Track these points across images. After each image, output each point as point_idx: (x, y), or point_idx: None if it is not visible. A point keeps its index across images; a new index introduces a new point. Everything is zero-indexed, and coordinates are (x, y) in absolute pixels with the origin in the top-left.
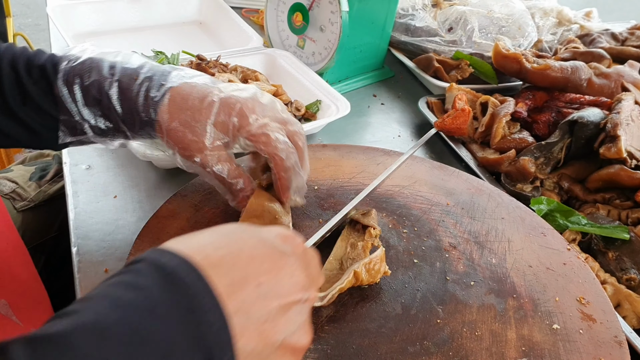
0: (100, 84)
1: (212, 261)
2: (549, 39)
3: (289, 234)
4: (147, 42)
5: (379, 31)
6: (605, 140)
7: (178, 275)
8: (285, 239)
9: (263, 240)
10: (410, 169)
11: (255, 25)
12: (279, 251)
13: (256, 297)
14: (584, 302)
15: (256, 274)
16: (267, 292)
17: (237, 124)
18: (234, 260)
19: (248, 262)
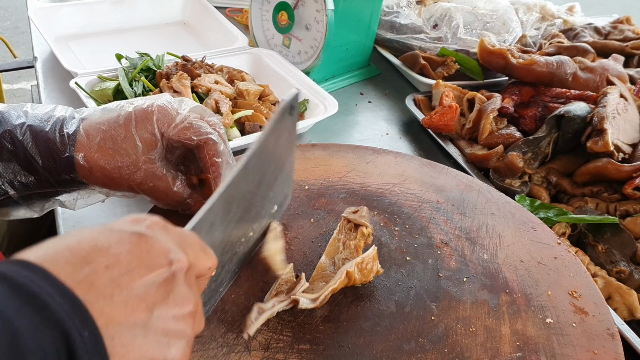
0: (11, 133)
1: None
2: (533, 34)
3: (142, 216)
4: (131, 44)
5: (365, 29)
6: (592, 134)
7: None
8: (137, 220)
9: (108, 228)
10: (399, 166)
11: (240, 24)
12: (130, 233)
13: (108, 278)
14: (576, 296)
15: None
16: (121, 273)
17: (161, 128)
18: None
19: (90, 251)
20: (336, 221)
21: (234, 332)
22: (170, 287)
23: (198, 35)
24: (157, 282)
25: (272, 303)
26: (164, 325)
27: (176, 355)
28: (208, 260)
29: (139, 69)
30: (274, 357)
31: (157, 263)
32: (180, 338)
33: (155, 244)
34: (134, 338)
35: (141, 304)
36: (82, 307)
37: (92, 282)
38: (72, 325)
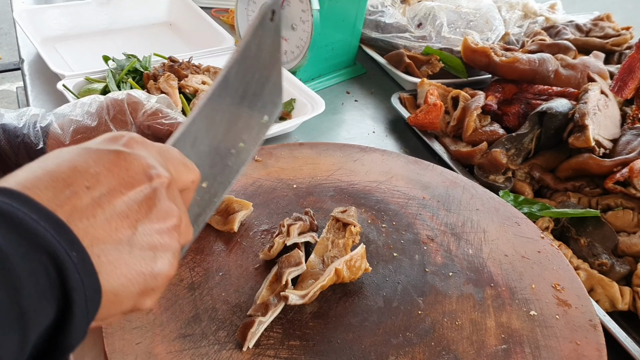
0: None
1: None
2: (515, 32)
3: (119, 133)
4: (117, 45)
5: (350, 28)
6: (573, 130)
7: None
8: (114, 138)
9: (85, 148)
10: (386, 164)
11: (226, 25)
12: (108, 151)
13: (90, 198)
14: (559, 288)
15: (82, 180)
16: (102, 192)
17: (132, 114)
18: (52, 175)
19: (70, 172)
20: (325, 219)
21: (225, 329)
22: (153, 202)
23: (184, 35)
24: (138, 199)
25: (269, 314)
26: (149, 240)
27: (163, 267)
28: (190, 174)
29: (126, 71)
30: (265, 353)
31: (137, 179)
32: (166, 251)
33: (134, 161)
34: (120, 254)
35: (124, 221)
36: (67, 229)
37: (74, 204)
38: (59, 247)
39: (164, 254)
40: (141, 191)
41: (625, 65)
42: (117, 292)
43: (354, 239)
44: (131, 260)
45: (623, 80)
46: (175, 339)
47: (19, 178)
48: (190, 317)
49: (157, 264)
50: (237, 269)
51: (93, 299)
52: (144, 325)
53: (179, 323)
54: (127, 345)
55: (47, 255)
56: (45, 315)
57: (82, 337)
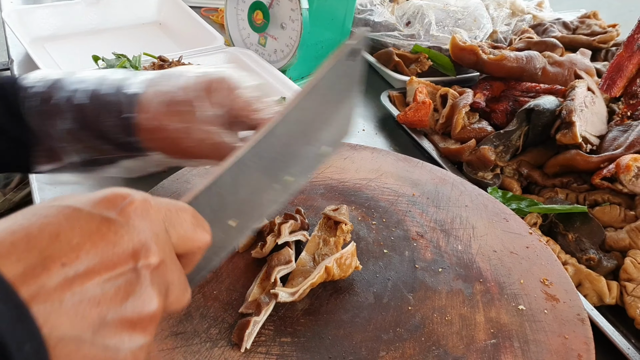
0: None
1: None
2: (503, 30)
3: (119, 194)
4: (107, 45)
5: (339, 27)
6: (561, 126)
7: None
8: (111, 202)
9: (76, 210)
10: (376, 161)
11: (215, 24)
12: (98, 219)
13: (62, 278)
14: (548, 283)
15: (61, 253)
16: (77, 271)
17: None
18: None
19: (50, 242)
20: (315, 217)
21: (217, 327)
22: (132, 288)
23: (174, 35)
24: (116, 283)
25: (262, 313)
26: (115, 332)
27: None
28: (200, 239)
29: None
30: (257, 350)
31: (122, 259)
32: (131, 344)
33: (125, 236)
34: (78, 347)
35: (93, 310)
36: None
37: (43, 283)
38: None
39: (129, 347)
40: (122, 275)
41: (613, 63)
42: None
43: (345, 237)
44: (90, 353)
45: (612, 79)
46: (166, 337)
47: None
48: (182, 315)
49: (119, 357)
50: (228, 267)
51: None
52: None
53: (171, 321)
54: None
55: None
56: None
57: None
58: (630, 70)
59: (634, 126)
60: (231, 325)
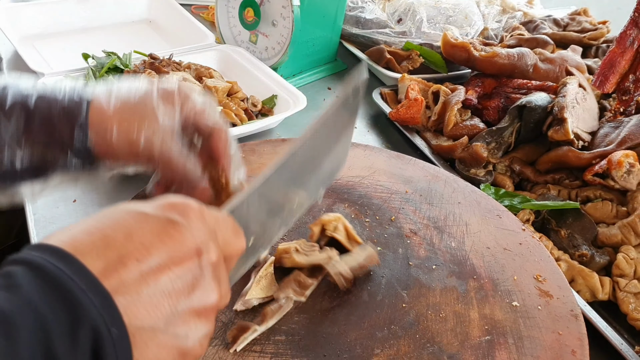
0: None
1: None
2: (494, 27)
3: (179, 201)
4: (97, 43)
5: (331, 24)
6: (552, 123)
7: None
8: (173, 207)
9: (144, 214)
10: (368, 159)
11: (206, 21)
12: (164, 221)
13: (138, 273)
14: (541, 280)
15: (135, 251)
16: (151, 266)
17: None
18: (107, 242)
19: (125, 241)
20: (308, 215)
21: None
22: (198, 281)
23: (164, 33)
24: (184, 277)
25: (265, 324)
26: (185, 320)
27: (193, 348)
28: (238, 244)
29: (106, 68)
30: (251, 349)
31: (188, 256)
32: (199, 332)
33: (187, 234)
34: (154, 334)
35: (166, 300)
36: (112, 304)
37: (122, 277)
38: (102, 323)
39: (196, 335)
40: (189, 269)
41: (606, 59)
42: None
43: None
44: (164, 341)
45: (604, 75)
46: None
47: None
48: None
49: (189, 344)
50: None
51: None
52: None
53: None
54: None
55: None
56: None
57: None
58: (622, 66)
59: (625, 122)
60: (225, 324)
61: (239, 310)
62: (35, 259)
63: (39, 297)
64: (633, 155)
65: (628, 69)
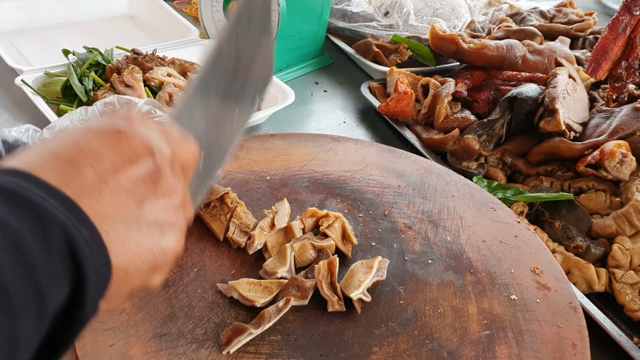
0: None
1: (35, 164)
2: (480, 20)
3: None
4: (77, 39)
5: (317, 18)
6: (544, 114)
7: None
8: (114, 118)
9: (87, 128)
10: (360, 153)
11: (189, 17)
12: (108, 130)
13: (95, 176)
14: (538, 272)
15: (86, 158)
16: (106, 170)
17: None
18: (58, 156)
19: (75, 152)
20: (300, 210)
21: (203, 327)
22: (157, 178)
23: (147, 28)
24: (143, 175)
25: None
26: (156, 217)
27: (170, 244)
28: (189, 149)
29: (88, 64)
30: (246, 350)
31: (140, 155)
32: (173, 227)
33: (135, 138)
34: (128, 231)
35: (130, 197)
36: (75, 206)
37: (80, 182)
38: (69, 223)
39: (171, 231)
40: (145, 167)
41: (598, 46)
42: (126, 269)
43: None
44: (140, 237)
45: (597, 62)
46: (150, 339)
47: (23, 159)
48: (166, 316)
49: (165, 240)
50: (213, 264)
51: (104, 273)
52: (118, 327)
53: (154, 322)
54: (100, 347)
55: (59, 232)
56: (60, 291)
57: (94, 312)
58: (615, 53)
59: (616, 112)
60: (217, 325)
61: None
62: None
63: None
64: (625, 145)
65: (620, 56)
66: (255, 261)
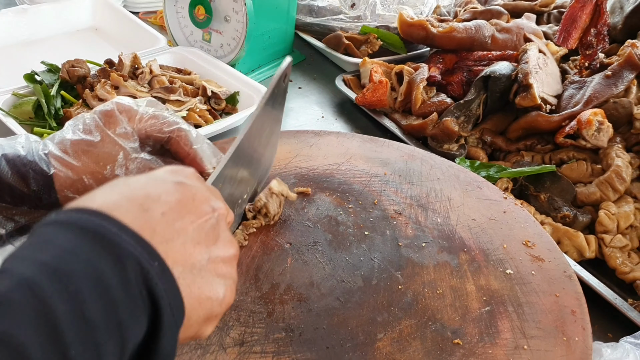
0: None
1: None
2: (446, 4)
3: (178, 167)
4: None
5: (284, 15)
6: (518, 90)
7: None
8: (176, 171)
9: (152, 177)
10: (342, 145)
11: (155, 26)
12: (173, 182)
13: (166, 224)
14: (530, 245)
15: (157, 207)
16: (175, 219)
17: (130, 123)
18: (129, 200)
19: (145, 200)
20: (289, 208)
21: None
22: (217, 232)
23: (113, 39)
24: (207, 227)
25: None
26: (216, 267)
27: (227, 295)
28: (229, 211)
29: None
30: (251, 350)
31: (204, 210)
32: (229, 279)
33: (197, 193)
34: (194, 278)
35: (197, 247)
36: (147, 244)
37: (153, 227)
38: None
39: (228, 282)
40: (208, 221)
41: (567, 15)
42: (189, 315)
43: None
44: (203, 285)
45: (567, 31)
46: None
47: (98, 200)
48: None
49: (222, 290)
50: None
51: (178, 307)
52: None
53: None
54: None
55: (136, 267)
56: (139, 325)
57: (173, 347)
58: (584, 21)
59: (588, 82)
60: (220, 329)
61: None
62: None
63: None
64: (601, 113)
65: (589, 23)
66: (250, 261)
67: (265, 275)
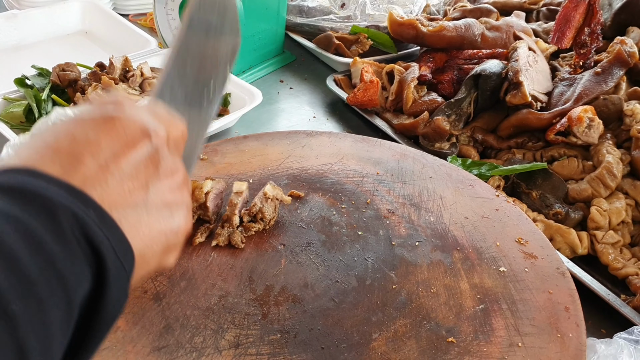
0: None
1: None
2: (435, 3)
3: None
4: (31, 61)
5: (274, 16)
6: (509, 88)
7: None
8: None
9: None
10: (335, 145)
11: (145, 28)
12: (100, 118)
13: (97, 166)
14: (523, 242)
15: (85, 148)
16: (107, 157)
17: None
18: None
19: (71, 143)
20: (282, 209)
21: (201, 335)
22: (157, 160)
23: (103, 43)
24: (143, 158)
25: None
26: (162, 198)
27: (180, 223)
28: (178, 127)
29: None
30: (246, 352)
31: (137, 139)
32: (180, 206)
33: (129, 122)
34: (138, 216)
35: (135, 182)
36: (79, 192)
37: (84, 172)
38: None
39: (179, 210)
40: (144, 150)
41: (560, 15)
42: (142, 253)
43: None
44: (150, 221)
45: (561, 31)
46: (149, 353)
47: (21, 156)
48: (162, 328)
49: (175, 220)
50: (202, 272)
51: (125, 250)
52: (114, 345)
53: (151, 336)
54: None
55: (69, 218)
56: (83, 275)
57: (124, 296)
58: (577, 20)
59: (578, 79)
60: (215, 331)
61: None
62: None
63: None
64: (591, 110)
65: (582, 22)
66: (244, 263)
67: (259, 277)
